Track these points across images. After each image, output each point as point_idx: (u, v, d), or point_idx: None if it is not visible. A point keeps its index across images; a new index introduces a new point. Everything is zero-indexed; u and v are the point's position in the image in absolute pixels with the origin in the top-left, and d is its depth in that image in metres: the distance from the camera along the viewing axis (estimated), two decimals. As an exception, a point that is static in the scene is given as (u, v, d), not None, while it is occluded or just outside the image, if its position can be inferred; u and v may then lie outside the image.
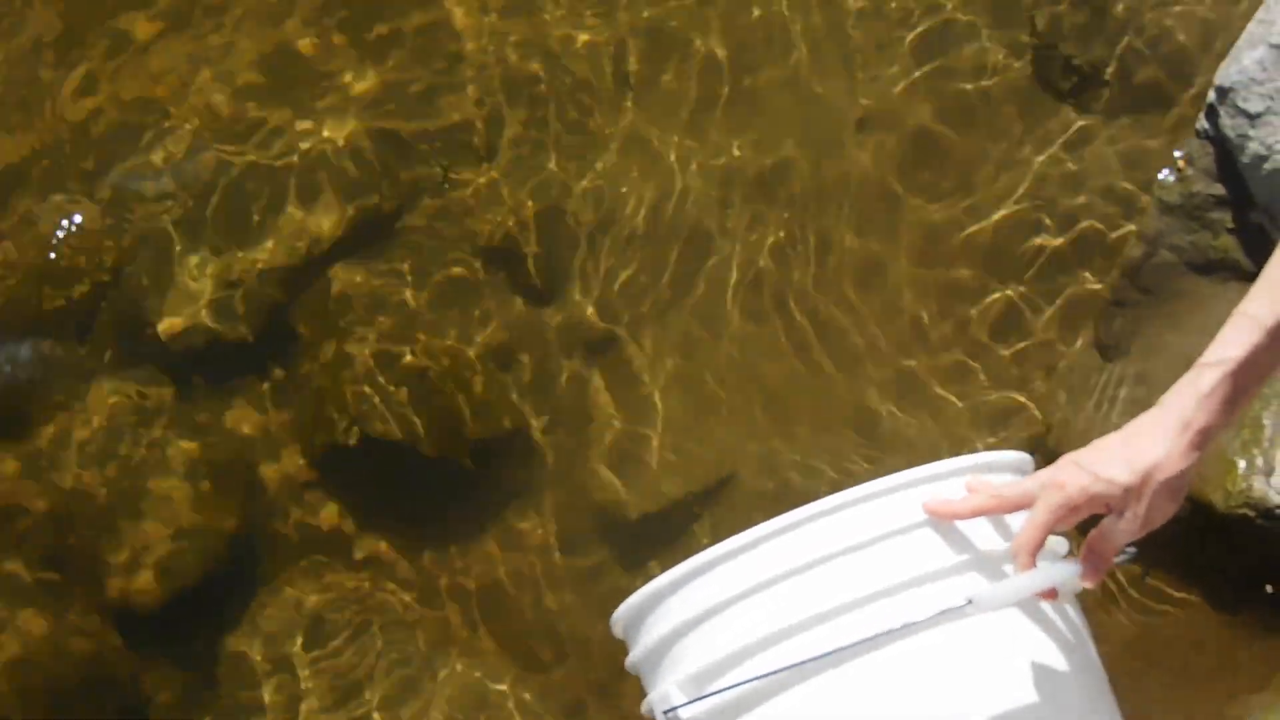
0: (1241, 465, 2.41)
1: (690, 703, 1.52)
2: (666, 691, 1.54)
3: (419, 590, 3.21)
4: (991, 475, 1.57)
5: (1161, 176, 2.72)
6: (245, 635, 3.20)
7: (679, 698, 1.53)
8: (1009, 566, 1.50)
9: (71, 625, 3.14)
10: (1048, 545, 1.53)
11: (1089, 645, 1.60)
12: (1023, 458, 1.64)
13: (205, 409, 3.39)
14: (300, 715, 3.09)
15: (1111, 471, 1.45)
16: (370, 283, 3.37)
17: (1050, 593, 1.52)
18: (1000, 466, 1.60)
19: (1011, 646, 1.50)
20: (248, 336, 3.39)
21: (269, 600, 3.24)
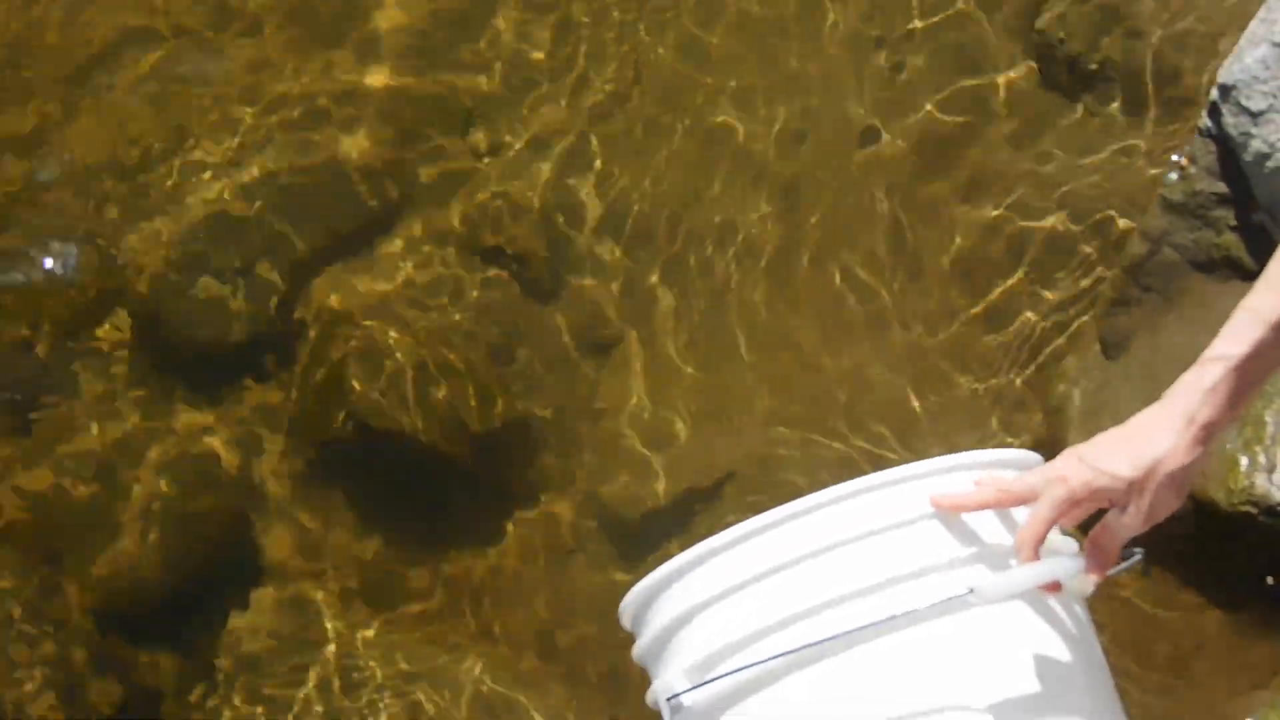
0: (1244, 462, 2.42)
1: (693, 689, 1.52)
2: (670, 679, 1.55)
3: (420, 588, 3.21)
4: (999, 471, 1.57)
5: (1165, 175, 2.73)
6: (245, 635, 3.20)
7: (682, 684, 1.53)
8: (1014, 560, 1.51)
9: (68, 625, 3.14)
10: (1055, 546, 1.53)
11: (1094, 643, 1.60)
12: (1031, 456, 1.64)
13: (204, 408, 3.39)
14: (305, 713, 3.09)
15: (1115, 466, 1.46)
16: (370, 282, 3.37)
17: (1053, 586, 1.52)
18: (1008, 464, 1.60)
19: (1017, 638, 1.50)
20: (246, 335, 3.39)
21: (269, 599, 3.24)
